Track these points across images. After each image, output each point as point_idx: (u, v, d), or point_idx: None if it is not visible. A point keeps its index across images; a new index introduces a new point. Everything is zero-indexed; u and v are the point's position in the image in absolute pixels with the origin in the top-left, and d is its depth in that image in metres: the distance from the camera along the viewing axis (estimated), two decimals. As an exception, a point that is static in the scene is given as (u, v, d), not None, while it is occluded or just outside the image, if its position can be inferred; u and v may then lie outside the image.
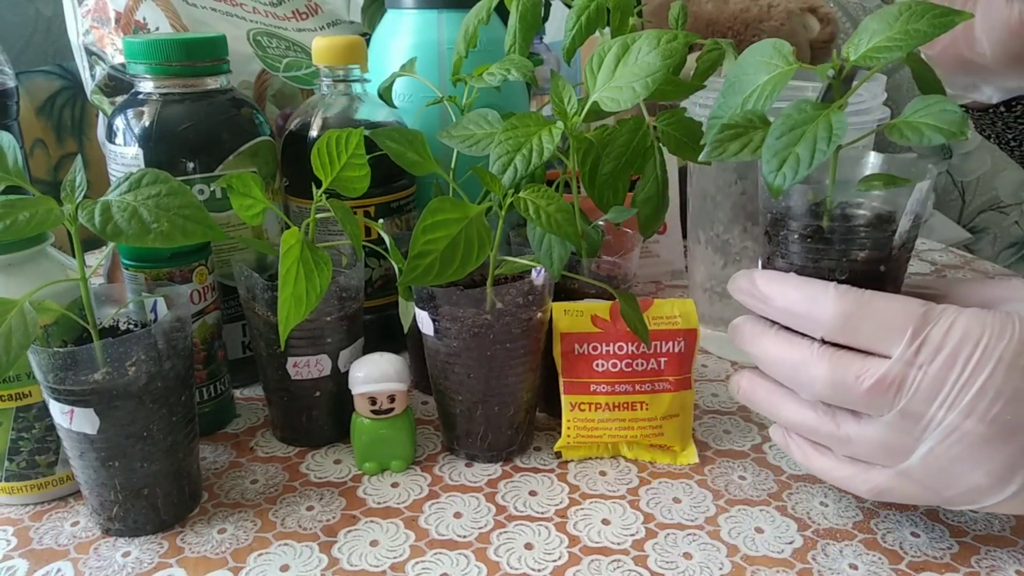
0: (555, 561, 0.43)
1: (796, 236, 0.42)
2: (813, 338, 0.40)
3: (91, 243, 0.85)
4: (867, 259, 0.41)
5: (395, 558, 0.44)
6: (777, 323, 0.42)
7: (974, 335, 0.36)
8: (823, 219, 0.41)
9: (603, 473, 0.51)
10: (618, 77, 0.45)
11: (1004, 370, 0.36)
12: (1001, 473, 0.37)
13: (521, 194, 0.46)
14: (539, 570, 0.43)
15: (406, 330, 0.54)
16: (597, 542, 0.45)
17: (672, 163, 0.78)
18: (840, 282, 0.40)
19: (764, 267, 0.44)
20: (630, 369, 0.50)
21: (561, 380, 0.51)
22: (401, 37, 0.65)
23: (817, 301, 0.39)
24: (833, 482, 0.42)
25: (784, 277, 0.41)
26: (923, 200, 0.41)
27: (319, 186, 0.48)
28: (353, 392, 0.50)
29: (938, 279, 0.47)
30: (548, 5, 0.76)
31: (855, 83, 0.40)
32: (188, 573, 0.43)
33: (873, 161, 0.45)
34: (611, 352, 0.50)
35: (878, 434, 0.39)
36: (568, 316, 0.50)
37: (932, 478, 0.39)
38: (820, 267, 0.41)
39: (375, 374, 0.49)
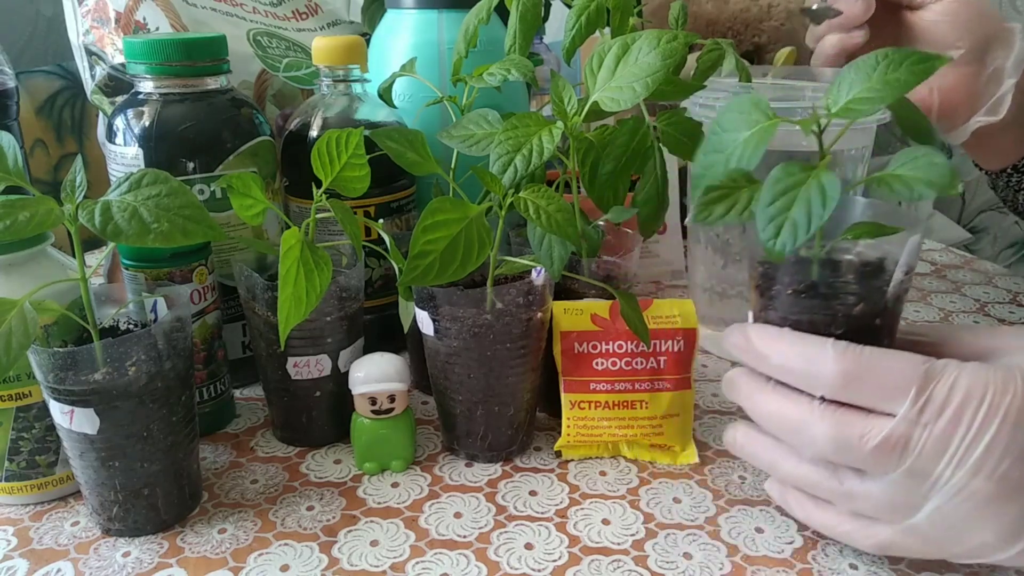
0: (555, 561, 0.43)
1: (789, 291, 0.41)
2: (812, 395, 0.39)
3: (91, 243, 0.85)
4: (862, 313, 0.40)
5: (395, 558, 0.44)
6: (774, 378, 0.41)
7: (978, 392, 0.36)
8: (813, 272, 0.40)
9: (603, 473, 0.51)
10: (618, 77, 0.45)
11: (1010, 427, 0.35)
12: (1009, 531, 0.37)
13: (521, 194, 0.46)
14: (539, 570, 0.43)
15: (406, 330, 0.54)
16: (597, 542, 0.45)
17: (672, 163, 0.77)
18: (836, 337, 0.39)
19: (756, 320, 0.43)
20: (630, 368, 0.50)
21: (561, 378, 0.51)
22: (401, 37, 0.65)
23: (816, 360, 0.38)
24: (835, 536, 0.42)
25: (780, 333, 0.40)
26: (915, 252, 0.40)
27: (319, 186, 0.48)
28: (353, 392, 0.50)
29: (931, 326, 0.45)
30: (548, 5, 0.76)
31: (838, 132, 0.38)
32: (188, 573, 0.43)
33: (861, 207, 0.44)
34: (611, 351, 0.50)
35: (883, 491, 0.38)
36: (568, 315, 0.50)
37: (938, 535, 0.38)
38: (815, 321, 0.40)
39: (375, 374, 0.49)
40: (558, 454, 0.53)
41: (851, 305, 0.40)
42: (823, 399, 0.39)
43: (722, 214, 0.37)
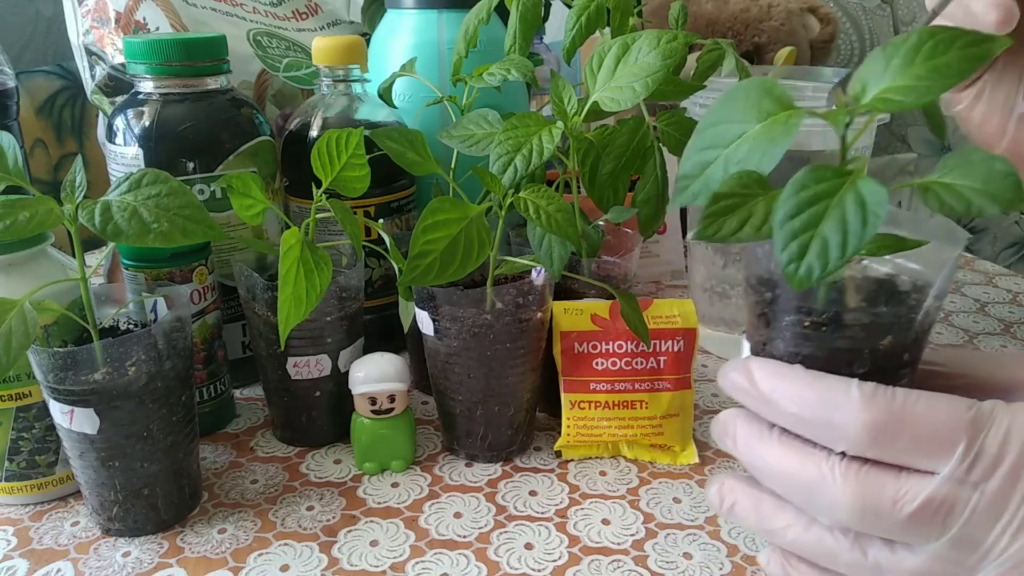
0: (555, 561, 0.43)
1: (801, 320, 0.33)
2: (831, 449, 0.32)
3: (91, 243, 0.85)
4: (890, 347, 0.32)
5: (395, 558, 0.44)
6: (779, 426, 0.33)
7: None
8: (832, 297, 0.33)
9: (603, 473, 0.51)
10: (618, 77, 0.45)
11: None
12: None
13: (521, 194, 0.46)
14: (539, 570, 0.43)
15: (406, 330, 0.54)
16: (597, 542, 0.45)
17: (672, 163, 0.77)
18: (860, 377, 0.31)
19: (758, 353, 0.35)
20: (629, 368, 0.50)
21: (561, 378, 0.51)
22: (401, 37, 0.65)
23: (838, 406, 0.31)
24: None
25: (792, 373, 0.32)
26: (951, 273, 0.33)
27: (319, 186, 0.48)
28: (353, 392, 0.50)
29: (945, 353, 0.37)
30: (548, 5, 0.76)
31: (863, 122, 0.31)
32: (188, 573, 0.43)
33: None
34: (611, 351, 0.50)
35: (920, 565, 0.31)
36: (568, 315, 0.50)
37: None
38: (833, 358, 0.32)
39: (375, 374, 0.49)
40: (558, 454, 0.53)
41: (877, 338, 0.32)
42: (843, 454, 0.32)
43: (734, 229, 0.30)
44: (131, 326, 0.48)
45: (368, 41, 0.68)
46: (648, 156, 0.52)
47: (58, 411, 0.42)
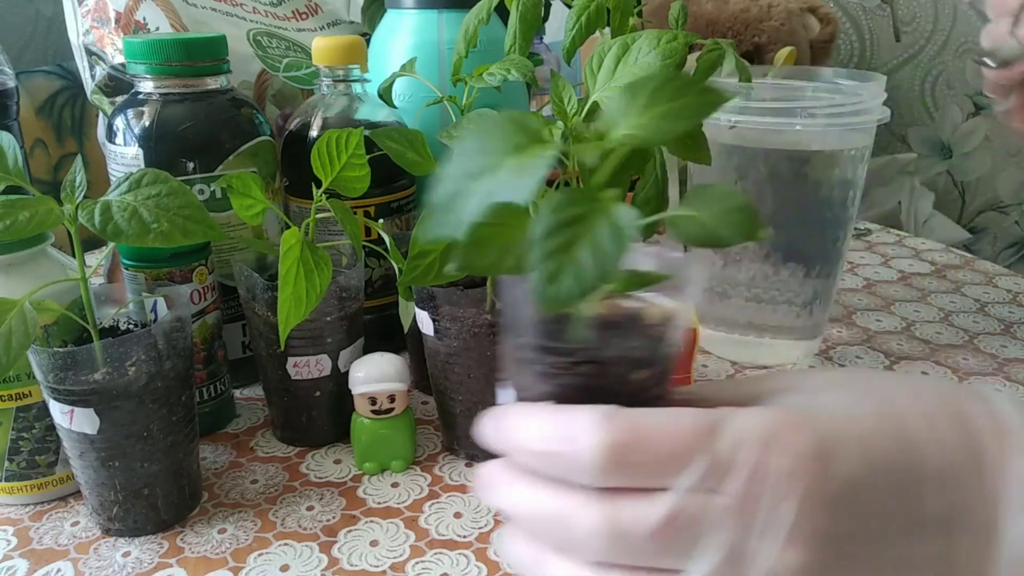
0: (555, 561, 0.43)
1: (562, 362, 0.32)
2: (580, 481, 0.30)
3: (91, 243, 0.85)
4: (642, 380, 0.32)
5: (395, 558, 0.44)
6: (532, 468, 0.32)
7: (770, 437, 0.28)
8: (585, 332, 0.31)
9: (603, 473, 0.51)
10: (618, 77, 0.45)
11: (821, 468, 0.28)
12: None
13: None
14: (539, 570, 0.43)
15: (406, 330, 0.54)
16: (597, 542, 0.45)
17: (672, 163, 0.78)
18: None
19: (519, 399, 0.34)
20: (630, 369, 0.50)
21: (561, 380, 0.51)
22: (401, 37, 0.65)
23: (578, 435, 0.29)
24: None
25: (535, 411, 0.31)
26: (693, 304, 0.33)
27: (319, 186, 0.48)
28: (353, 392, 0.50)
29: (688, 388, 0.36)
30: (548, 5, 0.76)
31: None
32: (188, 573, 0.43)
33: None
34: (611, 352, 0.50)
35: None
36: (568, 316, 0.50)
37: None
38: (590, 396, 0.31)
39: (375, 374, 0.49)
40: (558, 454, 0.53)
41: (630, 372, 0.32)
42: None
43: (494, 260, 0.28)
44: (131, 326, 0.48)
45: (368, 41, 0.68)
46: (648, 156, 0.52)
47: (58, 411, 0.42)
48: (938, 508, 0.28)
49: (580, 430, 0.29)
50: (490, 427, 0.32)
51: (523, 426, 0.31)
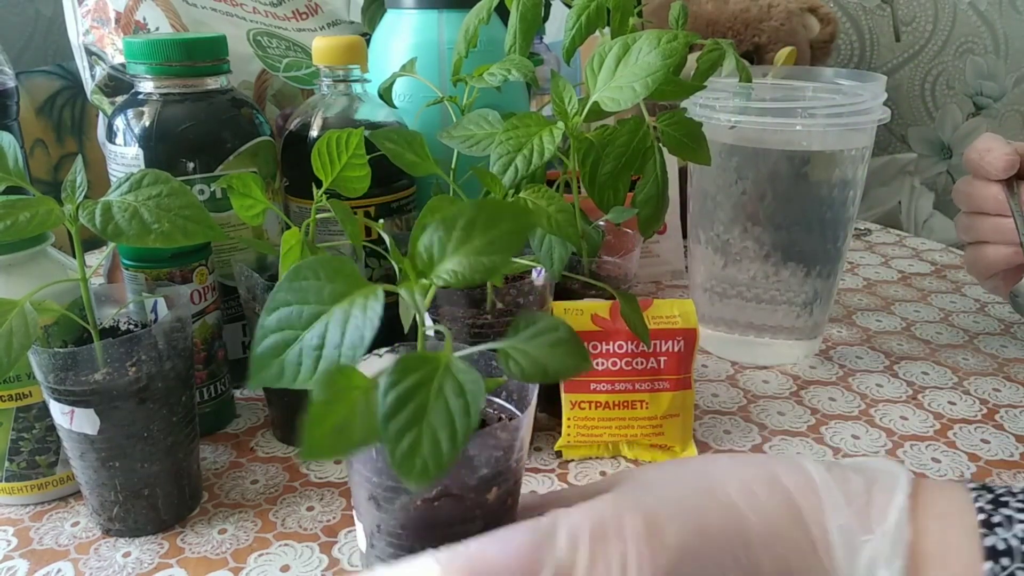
0: (555, 561, 0.43)
1: (417, 500, 0.31)
2: None
3: (91, 243, 0.85)
4: (496, 497, 0.32)
5: (395, 558, 0.44)
6: None
7: (604, 529, 0.29)
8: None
9: (603, 473, 0.51)
10: (618, 77, 0.45)
11: (654, 550, 0.29)
12: None
13: (521, 194, 0.46)
14: (539, 570, 0.43)
15: (406, 330, 0.54)
16: (597, 542, 0.45)
17: (672, 163, 0.78)
18: (473, 533, 0.30)
19: (372, 535, 0.34)
20: (630, 368, 0.50)
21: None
22: (401, 37, 0.65)
23: None
24: None
25: (372, 574, 0.30)
26: (532, 410, 0.34)
27: (319, 186, 0.48)
28: (353, 392, 0.50)
29: (530, 496, 0.38)
30: (548, 5, 0.76)
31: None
32: (188, 573, 0.43)
33: None
34: (611, 351, 0.50)
35: None
36: (568, 315, 0.50)
37: None
38: (447, 524, 0.31)
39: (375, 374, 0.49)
40: (558, 454, 0.53)
41: (484, 493, 0.32)
42: None
43: (344, 437, 0.26)
44: (131, 326, 0.48)
45: (368, 41, 0.68)
46: (648, 156, 0.52)
47: (58, 411, 0.42)
48: (772, 562, 0.30)
49: None
50: None
51: None
